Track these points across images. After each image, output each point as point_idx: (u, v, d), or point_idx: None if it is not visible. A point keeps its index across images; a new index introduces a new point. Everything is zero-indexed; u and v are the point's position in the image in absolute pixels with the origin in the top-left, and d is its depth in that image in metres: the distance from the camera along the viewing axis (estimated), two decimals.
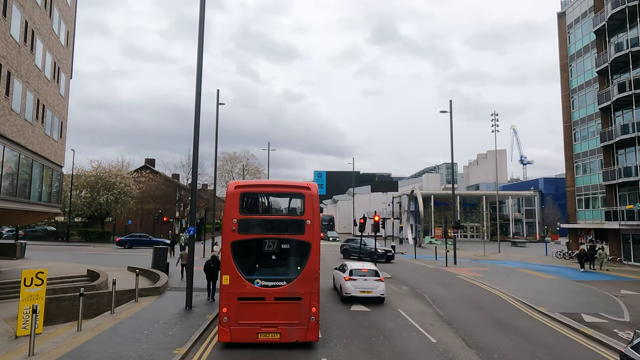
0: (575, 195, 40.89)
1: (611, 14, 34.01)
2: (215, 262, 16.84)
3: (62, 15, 23.71)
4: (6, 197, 17.26)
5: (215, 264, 16.72)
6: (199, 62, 16.06)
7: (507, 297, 19.20)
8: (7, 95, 17.00)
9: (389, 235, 64.59)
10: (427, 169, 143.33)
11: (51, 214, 25.91)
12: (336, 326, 13.43)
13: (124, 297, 16.33)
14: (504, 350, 11.51)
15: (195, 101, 16.04)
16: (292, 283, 11.02)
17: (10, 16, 16.90)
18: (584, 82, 39.82)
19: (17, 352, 10.09)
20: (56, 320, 14.04)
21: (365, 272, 17.37)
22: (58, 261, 27.69)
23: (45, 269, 11.83)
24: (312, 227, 11.20)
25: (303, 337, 10.92)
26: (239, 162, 71.54)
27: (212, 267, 16.93)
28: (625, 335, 13.02)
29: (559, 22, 43.77)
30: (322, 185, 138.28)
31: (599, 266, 30.79)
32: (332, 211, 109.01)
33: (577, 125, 40.55)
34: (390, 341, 12.07)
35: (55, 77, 23.02)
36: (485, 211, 72.31)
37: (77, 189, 54.74)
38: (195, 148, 16.51)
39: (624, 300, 18.97)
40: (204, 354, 10.63)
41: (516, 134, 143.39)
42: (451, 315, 15.44)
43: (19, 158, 18.57)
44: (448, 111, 33.86)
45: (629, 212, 32.02)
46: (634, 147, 32.78)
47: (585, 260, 30.74)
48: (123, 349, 10.50)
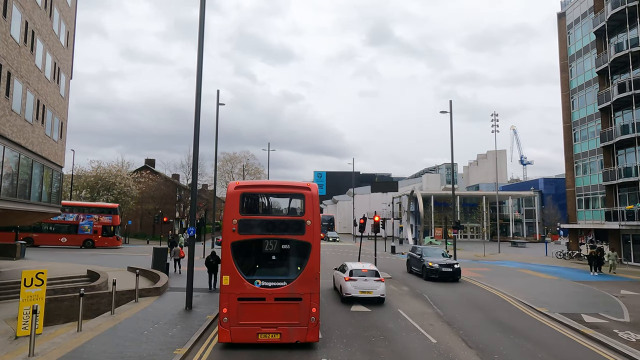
0: (575, 195, 40.90)
1: (611, 15, 34.03)
2: (214, 257, 19.18)
3: (62, 16, 23.71)
4: (6, 198, 17.26)
5: (214, 259, 19.10)
6: (199, 62, 16.06)
7: (507, 297, 19.20)
8: (7, 95, 17.01)
9: (389, 236, 64.61)
10: (427, 169, 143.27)
11: (51, 215, 25.90)
12: (336, 326, 13.43)
13: (124, 297, 16.32)
14: (504, 351, 11.51)
15: (195, 102, 16.05)
16: (292, 283, 11.02)
17: (11, 16, 16.90)
18: (584, 82, 39.85)
19: (17, 353, 10.09)
20: (56, 321, 14.03)
21: (366, 273, 17.37)
22: (58, 262, 27.68)
23: (45, 270, 11.82)
24: (312, 228, 11.20)
25: (303, 338, 10.91)
26: (239, 162, 71.65)
27: (212, 262, 19.30)
28: (626, 336, 13.02)
29: (559, 22, 43.80)
30: (322, 185, 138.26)
31: (608, 269, 29.54)
32: (332, 211, 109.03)
33: (577, 126, 40.57)
34: (390, 341, 12.07)
35: (55, 77, 23.03)
36: (485, 211, 72.31)
37: (77, 189, 54.82)
38: (196, 148, 16.52)
39: (624, 300, 18.96)
40: (204, 355, 10.62)
41: (516, 134, 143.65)
42: (451, 316, 15.44)
43: (19, 158, 18.57)
44: (447, 112, 33.87)
45: (629, 212, 32.02)
46: (634, 147, 32.79)
47: (596, 263, 29.26)
48: (123, 349, 10.50)
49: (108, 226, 43.36)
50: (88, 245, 41.93)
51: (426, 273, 23.98)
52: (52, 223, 40.90)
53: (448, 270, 23.66)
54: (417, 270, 25.55)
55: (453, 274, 23.77)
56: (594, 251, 30.10)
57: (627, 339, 12.71)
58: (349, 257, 35.23)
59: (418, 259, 25.81)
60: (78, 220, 42.63)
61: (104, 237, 42.79)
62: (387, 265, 31.27)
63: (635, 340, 12.55)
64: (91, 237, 42.68)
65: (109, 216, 43.65)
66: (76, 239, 42.45)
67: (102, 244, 42.64)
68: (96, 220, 42.98)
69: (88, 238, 42.56)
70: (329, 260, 30.56)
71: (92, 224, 42.88)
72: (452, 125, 33.77)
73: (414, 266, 26.37)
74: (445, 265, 23.80)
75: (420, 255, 25.90)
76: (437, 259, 24.70)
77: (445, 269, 23.65)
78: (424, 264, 24.35)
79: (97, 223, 42.97)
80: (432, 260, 24.25)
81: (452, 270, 23.73)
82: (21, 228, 38.95)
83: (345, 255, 39.18)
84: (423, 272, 24.42)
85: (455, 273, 23.82)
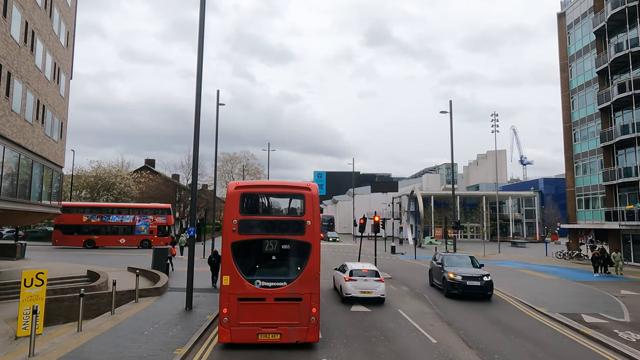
0: (575, 195, 40.90)
1: (611, 15, 34.03)
2: (216, 256, 19.68)
3: (62, 16, 23.72)
4: (6, 198, 17.27)
5: (215, 258, 19.71)
6: (199, 63, 16.06)
7: (507, 297, 19.19)
8: (7, 95, 17.01)
9: (389, 236, 64.61)
10: (427, 170, 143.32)
11: (51, 215, 25.92)
12: (336, 327, 13.43)
13: (124, 297, 16.33)
14: (504, 351, 11.51)
15: (195, 102, 16.04)
16: (292, 284, 11.02)
17: (11, 17, 16.91)
18: (584, 82, 39.85)
19: (18, 353, 10.09)
20: (56, 321, 14.03)
21: (366, 273, 17.37)
22: (58, 262, 27.68)
23: (46, 270, 11.82)
24: (312, 228, 11.20)
25: (303, 338, 10.91)
26: (239, 162, 71.69)
27: (213, 261, 19.99)
28: (626, 336, 13.02)
29: (559, 22, 43.81)
30: (322, 185, 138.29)
31: (614, 271, 28.88)
32: (332, 211, 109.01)
33: (577, 126, 40.57)
34: (390, 342, 12.07)
35: (55, 77, 23.03)
36: (485, 211, 72.33)
37: (77, 189, 54.81)
38: (196, 149, 16.51)
39: (624, 300, 18.96)
40: (205, 355, 10.62)
41: (516, 134, 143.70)
42: (451, 316, 15.43)
43: (19, 159, 18.57)
44: (447, 112, 33.90)
45: (629, 212, 32.01)
46: (634, 147, 32.79)
47: (601, 264, 28.75)
48: (123, 349, 10.50)
49: (163, 226, 44.22)
50: (145, 245, 42.56)
51: (447, 287, 18.93)
52: (111, 225, 43.22)
53: (474, 284, 18.18)
54: (438, 283, 20.63)
55: (482, 289, 18.13)
56: (597, 252, 29.71)
57: (627, 339, 12.71)
58: (349, 257, 35.23)
59: (439, 269, 20.63)
60: (134, 221, 43.65)
61: (160, 237, 43.27)
62: (388, 266, 31.28)
63: (635, 340, 12.55)
64: (148, 237, 43.56)
65: (163, 216, 44.57)
66: (134, 239, 43.49)
67: (158, 243, 42.93)
68: (151, 220, 44.08)
69: (145, 238, 43.50)
70: (329, 260, 30.55)
71: (148, 225, 43.88)
72: (452, 126, 33.81)
73: (436, 278, 21.26)
74: (470, 278, 18.42)
75: (441, 264, 20.57)
76: (461, 269, 19.55)
77: (471, 282, 18.23)
78: (444, 276, 19.41)
79: (152, 223, 43.98)
80: (455, 271, 19.10)
81: (480, 283, 18.18)
82: (82, 231, 42.55)
83: (345, 255, 39.19)
84: (444, 285, 19.45)
85: (486, 287, 18.19)
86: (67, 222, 41.69)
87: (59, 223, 42.07)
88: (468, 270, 19.30)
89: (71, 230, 42.32)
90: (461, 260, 20.91)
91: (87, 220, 43.01)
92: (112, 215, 43.83)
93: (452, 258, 21.31)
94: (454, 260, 20.82)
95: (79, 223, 42.77)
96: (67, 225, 42.07)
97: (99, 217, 43.50)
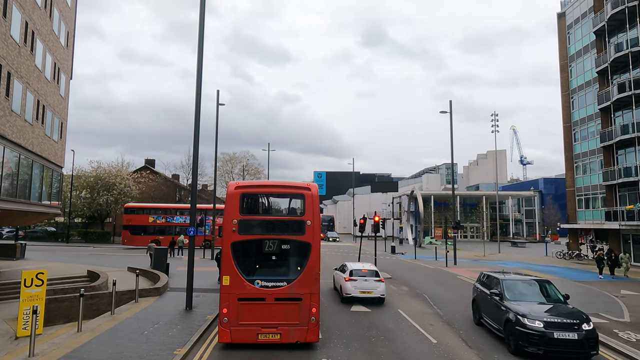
0: (575, 195, 40.91)
1: (611, 15, 34.05)
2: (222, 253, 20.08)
3: (62, 16, 23.72)
4: (6, 198, 17.27)
5: None
6: (198, 63, 16.06)
7: None
8: (7, 96, 17.01)
9: (389, 236, 64.63)
10: (427, 170, 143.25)
11: (51, 215, 25.92)
12: (336, 327, 13.43)
13: (124, 297, 16.33)
14: (504, 351, 11.50)
15: (195, 102, 16.05)
16: (292, 284, 11.01)
17: (11, 17, 16.91)
18: (583, 82, 39.87)
19: (18, 353, 10.09)
20: (56, 321, 14.04)
21: (366, 273, 17.37)
22: (58, 262, 27.68)
23: (46, 270, 11.81)
24: (312, 228, 11.20)
25: (303, 338, 10.91)
26: (239, 162, 71.60)
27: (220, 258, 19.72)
28: (626, 336, 13.02)
29: (559, 22, 43.83)
30: (322, 185, 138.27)
31: (622, 272, 28.24)
32: (332, 211, 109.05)
33: (577, 126, 40.58)
34: (390, 341, 12.07)
35: (55, 77, 23.03)
36: (485, 211, 72.33)
37: (77, 189, 54.80)
38: (196, 149, 16.51)
39: (624, 300, 18.97)
40: (205, 355, 10.62)
41: (516, 134, 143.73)
42: (451, 316, 15.43)
43: (19, 159, 18.57)
44: (447, 112, 33.89)
45: (629, 212, 32.02)
46: (634, 147, 32.80)
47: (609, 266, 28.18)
48: (123, 349, 10.49)
49: None
50: (207, 246, 42.32)
51: (516, 339, 11.02)
52: (175, 225, 44.31)
53: (567, 338, 10.45)
54: (494, 325, 12.62)
55: (581, 346, 10.47)
56: (601, 253, 29.12)
57: (627, 339, 12.71)
58: (349, 257, 35.25)
59: (495, 303, 12.64)
60: None
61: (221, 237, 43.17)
62: (388, 266, 31.28)
63: (635, 340, 12.55)
64: (209, 237, 43.39)
65: None
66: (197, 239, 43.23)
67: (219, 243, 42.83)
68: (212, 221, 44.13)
69: (207, 238, 43.47)
70: (329, 260, 30.55)
71: (210, 225, 43.48)
72: (452, 126, 33.80)
73: (487, 314, 13.33)
74: (560, 326, 10.71)
75: (500, 295, 12.52)
76: (538, 308, 11.59)
77: (561, 334, 10.51)
78: (509, 318, 11.43)
79: None
80: (530, 313, 11.10)
81: (577, 336, 10.47)
82: (149, 231, 44.06)
83: (345, 255, 39.20)
84: (508, 333, 11.49)
85: (587, 344, 10.48)
86: (135, 223, 43.20)
87: (127, 224, 43.63)
88: (553, 311, 11.51)
89: (138, 230, 43.90)
90: (530, 290, 12.76)
91: (152, 221, 44.26)
92: (176, 216, 44.90)
93: (517, 285, 12.86)
94: (520, 289, 12.71)
95: (146, 224, 44.11)
96: (135, 226, 43.53)
97: (164, 218, 44.63)
